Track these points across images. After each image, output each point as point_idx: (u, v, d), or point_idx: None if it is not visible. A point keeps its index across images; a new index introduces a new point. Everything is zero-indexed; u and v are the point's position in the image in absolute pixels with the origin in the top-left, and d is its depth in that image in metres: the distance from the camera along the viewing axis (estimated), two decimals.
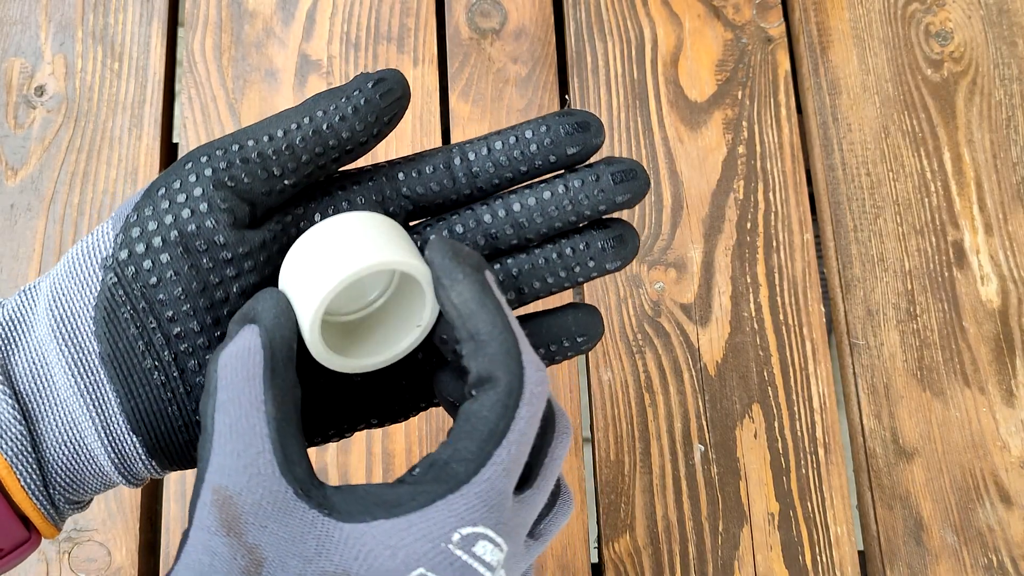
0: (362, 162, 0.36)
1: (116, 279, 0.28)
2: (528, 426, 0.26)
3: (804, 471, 0.53)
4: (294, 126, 0.29)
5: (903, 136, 0.59)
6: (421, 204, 0.31)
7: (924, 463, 0.53)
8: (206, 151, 0.29)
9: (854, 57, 0.61)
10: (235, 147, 0.29)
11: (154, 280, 0.28)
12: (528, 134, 0.31)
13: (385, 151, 0.57)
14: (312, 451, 0.51)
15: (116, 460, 0.29)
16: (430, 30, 0.60)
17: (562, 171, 0.31)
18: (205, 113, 0.57)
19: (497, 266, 0.31)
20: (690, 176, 0.58)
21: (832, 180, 0.58)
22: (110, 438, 0.29)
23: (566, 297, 0.54)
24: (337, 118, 0.29)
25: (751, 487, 0.52)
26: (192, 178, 0.28)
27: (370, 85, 0.29)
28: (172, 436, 0.29)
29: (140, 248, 0.28)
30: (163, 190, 0.29)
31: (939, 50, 0.61)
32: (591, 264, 0.31)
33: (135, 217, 0.28)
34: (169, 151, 0.59)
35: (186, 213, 0.28)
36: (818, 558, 0.52)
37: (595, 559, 0.52)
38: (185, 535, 0.25)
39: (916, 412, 0.54)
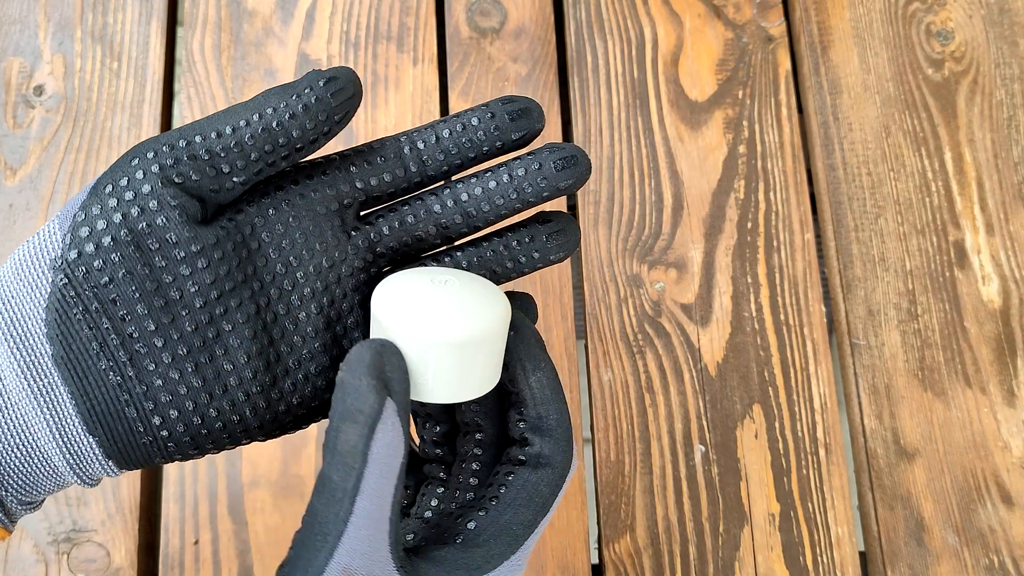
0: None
1: (66, 280, 0.28)
2: (560, 499, 0.31)
3: (805, 471, 0.53)
4: (243, 123, 0.29)
5: (904, 136, 0.59)
6: (374, 194, 0.32)
7: (925, 463, 0.53)
8: (151, 146, 0.28)
9: (855, 56, 0.61)
10: (182, 143, 0.28)
11: (105, 280, 0.28)
12: (474, 121, 0.31)
13: None
14: (311, 452, 0.51)
15: (72, 461, 0.29)
16: (430, 29, 0.60)
17: (507, 160, 0.32)
18: (204, 112, 0.57)
19: (448, 258, 0.33)
20: (690, 176, 0.58)
21: (833, 180, 0.58)
22: (65, 440, 0.28)
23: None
24: (287, 116, 0.29)
25: (752, 488, 0.52)
26: (139, 175, 0.28)
27: (321, 83, 0.29)
28: (129, 437, 0.29)
29: (89, 248, 0.28)
30: (110, 187, 0.28)
31: (940, 49, 0.61)
32: (536, 255, 0.33)
33: (83, 216, 0.28)
34: None
35: (135, 211, 0.28)
36: (819, 559, 0.51)
37: (595, 560, 0.52)
38: None
39: (917, 412, 0.54)
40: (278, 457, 0.51)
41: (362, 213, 0.33)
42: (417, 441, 0.34)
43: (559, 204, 0.57)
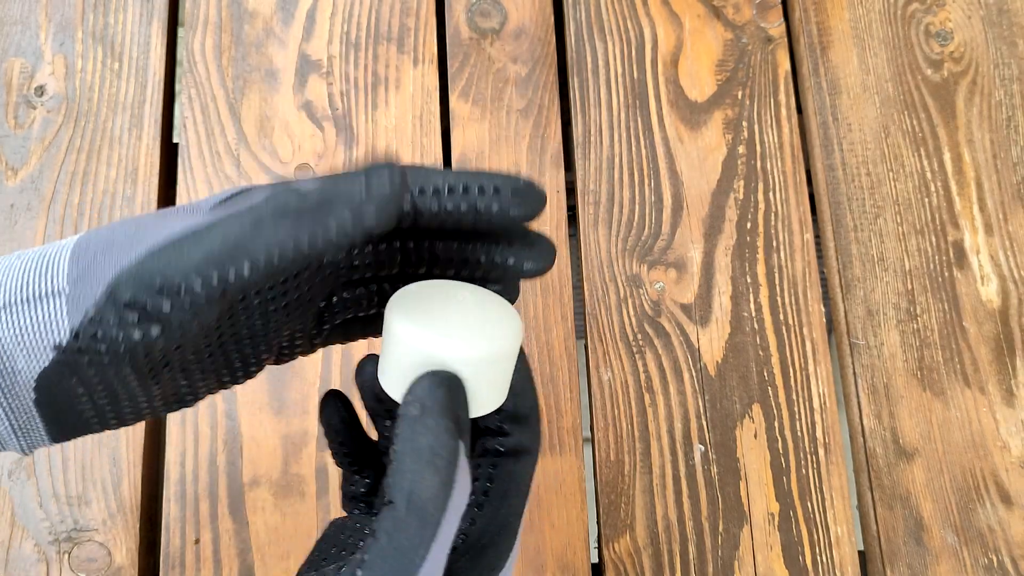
0: None
1: (71, 370, 0.27)
2: None
3: (804, 471, 0.53)
4: (275, 254, 0.26)
5: (903, 136, 0.59)
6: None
7: (924, 463, 0.53)
8: (182, 271, 0.25)
9: (854, 57, 0.61)
10: (215, 277, 0.25)
11: (112, 373, 0.27)
12: (480, 206, 0.30)
13: (386, 151, 0.57)
14: (311, 452, 0.51)
15: (26, 452, 0.30)
16: (430, 30, 0.60)
17: (489, 243, 0.32)
18: (205, 113, 0.57)
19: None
20: (690, 176, 0.58)
21: (832, 180, 0.58)
22: (30, 447, 0.29)
23: None
24: (329, 245, 0.26)
25: (751, 487, 0.52)
26: (166, 306, 0.26)
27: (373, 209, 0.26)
28: (86, 436, 0.30)
29: (102, 348, 0.26)
30: (131, 301, 0.26)
31: (939, 50, 0.61)
32: None
33: (98, 320, 0.26)
34: (169, 151, 0.59)
35: (161, 342, 0.26)
36: (818, 558, 0.52)
37: (595, 559, 0.52)
38: None
39: (916, 412, 0.54)
40: (279, 457, 0.51)
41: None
42: (375, 436, 0.34)
43: (560, 206, 0.57)
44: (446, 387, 0.26)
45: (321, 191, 0.26)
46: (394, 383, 0.29)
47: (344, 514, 0.36)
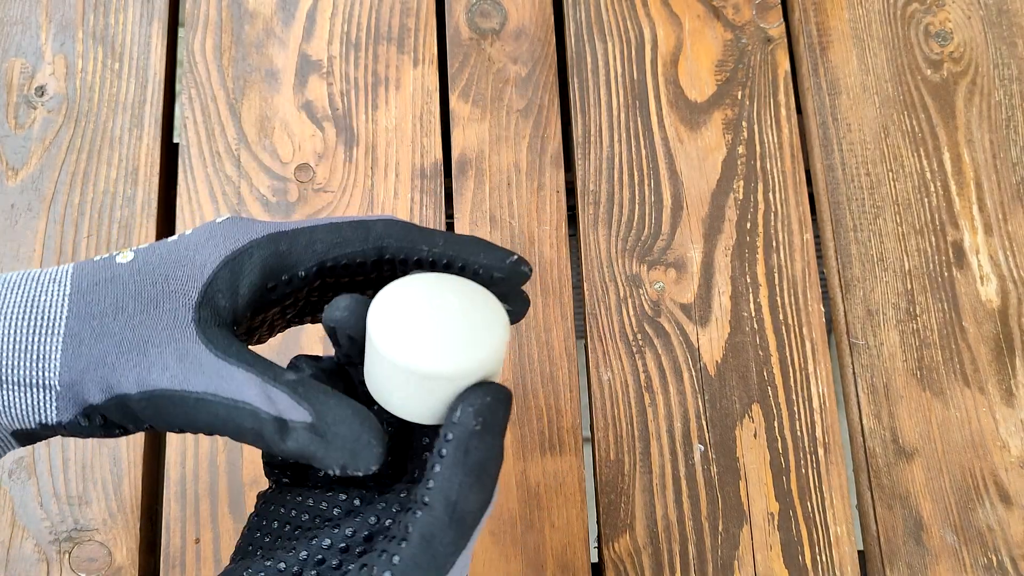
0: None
1: (52, 432, 0.30)
2: None
3: (804, 471, 0.53)
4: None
5: (903, 136, 0.59)
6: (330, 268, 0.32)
7: (924, 463, 0.53)
8: (162, 421, 0.29)
9: (854, 57, 0.61)
10: (189, 428, 0.29)
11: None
12: (471, 269, 0.31)
13: (386, 151, 0.57)
14: None
15: None
16: (430, 30, 0.60)
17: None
18: (205, 113, 0.57)
19: None
20: (690, 176, 0.58)
21: (832, 180, 0.58)
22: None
23: None
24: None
25: (751, 487, 0.52)
26: (145, 427, 0.29)
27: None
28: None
29: (84, 436, 0.30)
30: (115, 422, 0.29)
31: (939, 50, 0.61)
32: None
33: (85, 425, 0.29)
34: (169, 151, 0.59)
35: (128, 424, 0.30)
36: (818, 558, 0.52)
37: (595, 559, 0.52)
38: None
39: (916, 412, 0.54)
40: None
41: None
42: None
43: (560, 206, 0.57)
44: (504, 407, 0.27)
45: (298, 447, 0.27)
46: (398, 401, 0.28)
47: (267, 485, 0.36)
